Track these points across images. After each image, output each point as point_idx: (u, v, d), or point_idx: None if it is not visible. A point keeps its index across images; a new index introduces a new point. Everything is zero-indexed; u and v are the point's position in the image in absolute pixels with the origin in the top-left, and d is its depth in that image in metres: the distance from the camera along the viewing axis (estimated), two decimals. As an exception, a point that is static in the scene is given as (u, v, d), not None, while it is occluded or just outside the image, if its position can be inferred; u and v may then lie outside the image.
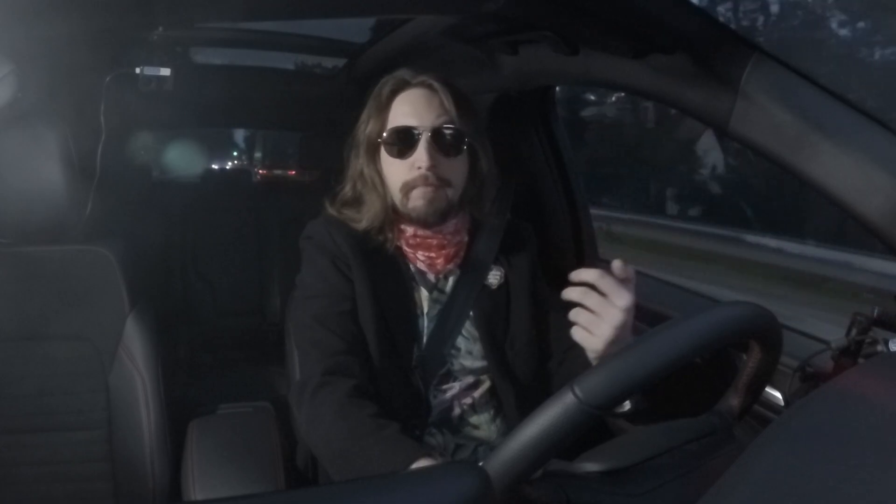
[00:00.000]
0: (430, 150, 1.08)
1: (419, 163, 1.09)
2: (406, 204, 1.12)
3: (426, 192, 1.10)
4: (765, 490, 0.47)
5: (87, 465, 1.33)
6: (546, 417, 0.57)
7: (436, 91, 1.11)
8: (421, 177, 1.09)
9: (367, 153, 1.14)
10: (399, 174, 1.12)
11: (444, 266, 1.17)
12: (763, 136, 0.96)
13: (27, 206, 1.29)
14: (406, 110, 1.11)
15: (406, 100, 1.12)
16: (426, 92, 1.12)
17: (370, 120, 1.14)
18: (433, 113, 1.10)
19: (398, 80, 1.14)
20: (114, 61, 1.44)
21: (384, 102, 1.13)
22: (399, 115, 1.12)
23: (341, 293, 1.11)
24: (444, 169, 1.11)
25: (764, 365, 0.75)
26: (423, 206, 1.10)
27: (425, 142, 1.09)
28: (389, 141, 1.11)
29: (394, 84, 1.13)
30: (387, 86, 1.14)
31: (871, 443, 0.51)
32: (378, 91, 1.15)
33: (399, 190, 1.12)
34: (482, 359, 1.17)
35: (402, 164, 1.11)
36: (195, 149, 3.30)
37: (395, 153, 1.11)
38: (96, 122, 1.36)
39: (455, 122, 1.11)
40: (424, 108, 1.10)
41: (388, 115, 1.13)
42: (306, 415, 1.04)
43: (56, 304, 1.33)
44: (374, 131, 1.13)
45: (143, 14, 1.03)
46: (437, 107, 1.11)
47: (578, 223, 1.76)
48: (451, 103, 1.10)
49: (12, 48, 1.12)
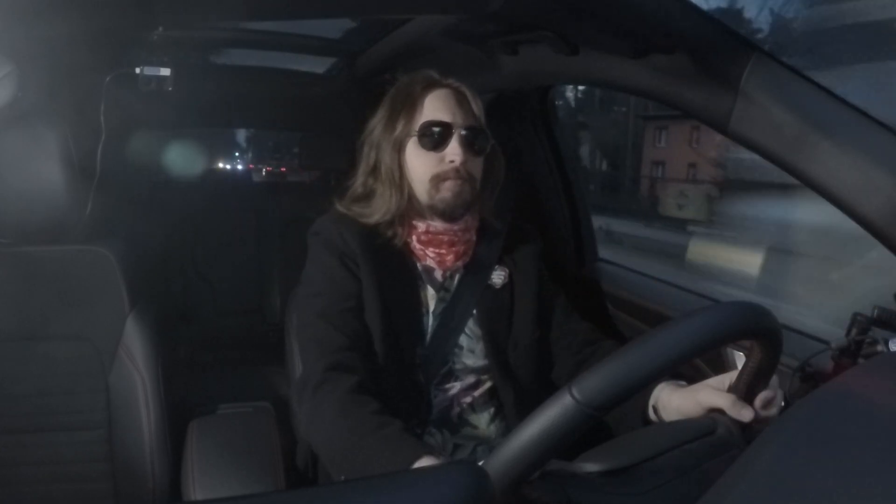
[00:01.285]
0: (463, 145, 1.12)
1: (452, 156, 1.12)
2: (434, 195, 1.14)
3: (455, 184, 1.13)
4: (765, 490, 0.47)
5: (87, 465, 1.33)
6: (545, 418, 0.57)
7: (464, 94, 1.17)
8: (453, 170, 1.13)
9: (393, 148, 1.16)
10: (429, 167, 1.14)
11: (453, 262, 1.18)
12: (763, 136, 0.96)
13: (27, 206, 1.29)
14: (440, 106, 1.15)
15: (439, 97, 1.16)
16: (455, 93, 1.17)
17: (397, 114, 1.16)
18: (464, 113, 1.15)
19: (429, 78, 1.17)
20: (114, 61, 1.44)
21: (416, 98, 1.16)
22: (433, 111, 1.14)
23: (346, 291, 1.11)
24: (471, 165, 1.15)
25: (764, 365, 0.75)
26: (451, 197, 1.14)
27: (458, 137, 1.13)
28: (423, 133, 1.13)
29: (424, 81, 1.17)
30: (416, 83, 1.17)
31: (871, 443, 0.51)
32: (406, 86, 1.18)
33: (428, 181, 1.14)
34: (484, 358, 1.17)
35: (434, 157, 1.14)
36: (197, 149, 3.30)
37: (429, 146, 1.13)
38: (96, 122, 1.36)
39: (483, 125, 1.16)
40: (457, 107, 1.15)
41: (421, 109, 1.15)
42: (308, 412, 1.04)
43: (56, 304, 1.33)
44: (404, 125, 1.15)
45: (143, 14, 1.03)
46: (467, 108, 1.16)
47: (578, 223, 1.76)
48: (478, 108, 1.16)
49: (12, 48, 1.12)
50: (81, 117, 1.35)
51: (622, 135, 11.85)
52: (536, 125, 1.71)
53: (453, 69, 1.21)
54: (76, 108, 1.35)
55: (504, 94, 1.63)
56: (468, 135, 1.13)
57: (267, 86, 2.28)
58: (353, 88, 2.09)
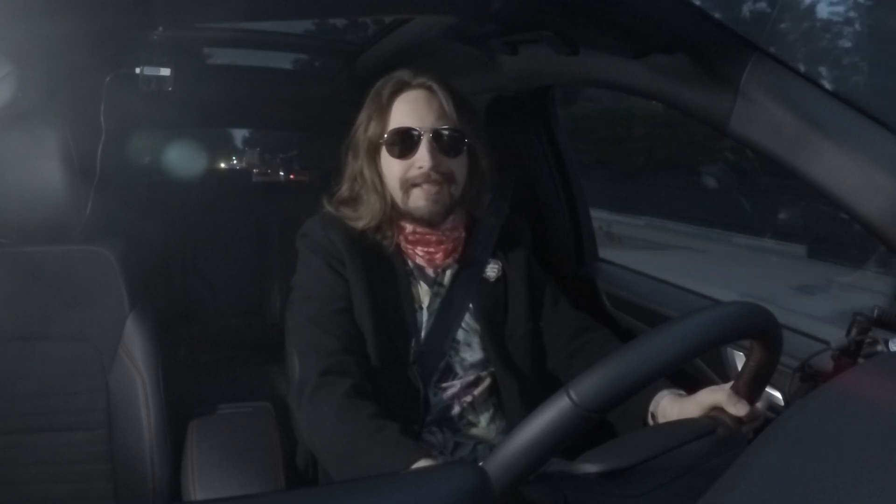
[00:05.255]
0: (431, 150, 1.10)
1: (420, 163, 1.10)
2: (407, 203, 1.13)
3: (429, 190, 1.11)
4: (765, 489, 0.47)
5: (87, 465, 1.33)
6: (542, 420, 0.56)
7: (435, 93, 1.13)
8: (423, 175, 1.11)
9: (367, 153, 1.15)
10: (400, 173, 1.13)
11: (442, 261, 1.18)
12: (763, 136, 0.96)
13: (27, 206, 1.28)
14: (407, 110, 1.12)
15: (406, 101, 1.13)
16: (426, 93, 1.13)
17: (371, 120, 1.15)
18: (433, 114, 1.12)
19: (398, 82, 1.14)
20: (114, 61, 1.43)
21: (385, 103, 1.14)
22: (400, 116, 1.12)
23: (336, 293, 1.11)
24: (447, 167, 1.12)
25: (764, 365, 0.75)
26: (426, 205, 1.12)
27: (426, 142, 1.10)
28: (391, 141, 1.12)
29: (394, 85, 1.14)
30: (387, 87, 1.15)
31: (871, 443, 0.51)
32: (377, 92, 1.16)
33: (400, 188, 1.13)
34: (481, 351, 1.17)
35: (404, 164, 1.12)
36: (197, 149, 3.30)
37: (397, 153, 1.12)
38: (96, 122, 1.36)
39: (455, 123, 1.12)
40: (425, 109, 1.12)
41: (389, 115, 1.13)
42: (305, 417, 1.04)
43: (56, 304, 1.32)
44: (375, 132, 1.14)
45: (143, 14, 1.03)
46: (437, 108, 1.12)
47: (578, 223, 1.76)
48: (450, 105, 1.12)
49: (12, 48, 1.12)
50: (81, 117, 1.35)
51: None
52: (536, 125, 1.71)
53: (453, 69, 1.21)
54: (76, 108, 1.35)
55: (504, 94, 1.63)
56: (437, 137, 1.11)
57: (267, 86, 2.28)
58: (353, 88, 2.08)
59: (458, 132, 1.13)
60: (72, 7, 0.93)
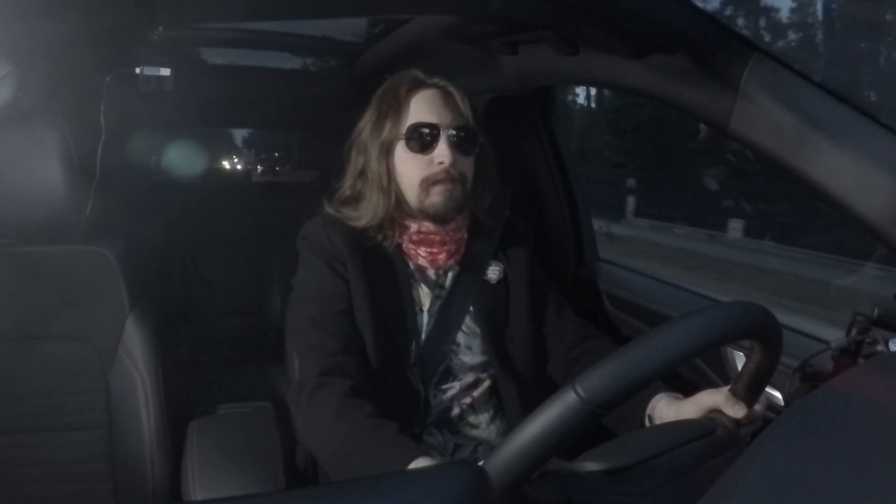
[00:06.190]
0: (451, 146, 1.11)
1: (441, 158, 1.11)
2: (424, 199, 1.13)
3: (446, 187, 1.12)
4: (765, 490, 0.47)
5: (87, 465, 1.33)
6: (547, 416, 0.56)
7: (451, 93, 1.15)
8: (443, 171, 1.11)
9: (380, 150, 1.15)
10: (418, 170, 1.12)
11: (445, 261, 1.17)
12: (763, 136, 0.96)
13: (27, 206, 1.28)
14: (426, 107, 1.13)
15: (424, 98, 1.14)
16: (442, 93, 1.15)
17: (384, 118, 1.14)
18: (451, 113, 1.13)
19: (414, 79, 1.15)
20: (114, 61, 1.44)
21: (402, 100, 1.14)
22: (420, 112, 1.13)
23: (336, 294, 1.11)
24: (461, 166, 1.13)
25: (764, 365, 0.75)
26: (442, 201, 1.12)
27: (447, 138, 1.11)
28: (410, 136, 1.12)
29: (410, 83, 1.15)
30: (403, 84, 1.15)
31: (871, 443, 0.51)
32: (391, 90, 1.16)
33: (418, 185, 1.13)
34: (482, 354, 1.17)
35: (422, 160, 1.12)
36: (197, 148, 3.30)
37: (417, 148, 1.12)
38: (96, 122, 1.35)
39: (471, 122, 1.14)
40: (443, 108, 1.13)
41: (407, 112, 1.13)
42: (304, 417, 1.04)
43: (56, 304, 1.32)
44: (391, 127, 1.14)
45: (143, 14, 1.03)
46: (454, 107, 1.14)
47: (578, 223, 1.76)
48: (465, 106, 1.14)
49: (12, 48, 1.12)
50: (81, 117, 1.35)
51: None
52: (536, 125, 1.71)
53: (453, 69, 1.21)
54: (76, 108, 1.35)
55: (504, 94, 1.63)
56: (456, 135, 1.12)
57: (267, 86, 2.28)
58: (353, 88, 2.08)
59: (474, 131, 1.15)
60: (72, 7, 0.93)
